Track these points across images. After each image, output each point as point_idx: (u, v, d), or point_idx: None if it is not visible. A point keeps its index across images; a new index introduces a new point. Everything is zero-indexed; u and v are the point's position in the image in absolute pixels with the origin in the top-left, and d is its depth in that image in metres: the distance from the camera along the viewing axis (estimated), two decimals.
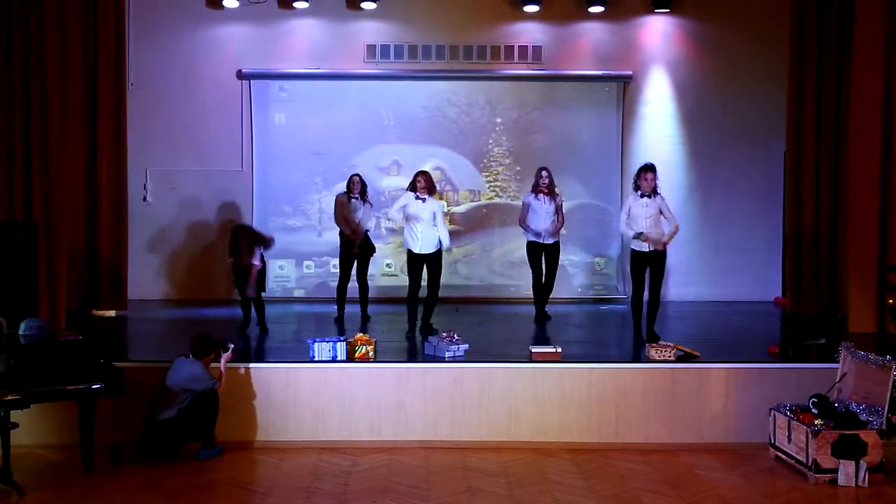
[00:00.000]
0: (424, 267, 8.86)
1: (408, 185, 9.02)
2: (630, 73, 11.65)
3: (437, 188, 9.26)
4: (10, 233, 8.29)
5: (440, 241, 8.87)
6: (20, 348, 6.57)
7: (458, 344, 7.52)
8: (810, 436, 6.42)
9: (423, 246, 8.78)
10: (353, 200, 9.76)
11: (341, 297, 9.77)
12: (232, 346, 7.49)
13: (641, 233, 8.40)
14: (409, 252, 8.85)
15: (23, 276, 8.13)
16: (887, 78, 9.22)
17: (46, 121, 9.69)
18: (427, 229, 8.78)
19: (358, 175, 9.93)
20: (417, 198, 8.80)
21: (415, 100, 11.68)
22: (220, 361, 7.05)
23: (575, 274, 11.70)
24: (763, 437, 7.05)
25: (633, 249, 8.59)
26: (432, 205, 8.85)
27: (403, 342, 8.53)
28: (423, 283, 8.92)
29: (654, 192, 8.48)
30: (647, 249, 8.44)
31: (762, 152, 11.49)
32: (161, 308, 10.86)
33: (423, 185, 8.82)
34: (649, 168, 8.56)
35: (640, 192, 8.48)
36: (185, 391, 6.83)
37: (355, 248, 9.65)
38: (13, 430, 6.29)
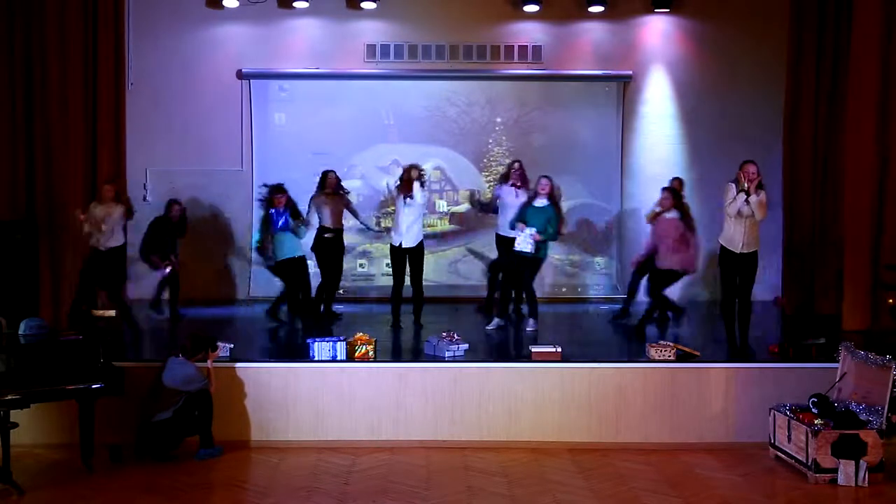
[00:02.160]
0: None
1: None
2: (630, 73, 11.64)
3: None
4: (11, 232, 8.30)
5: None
6: (20, 348, 6.58)
7: (458, 344, 7.53)
8: (810, 435, 6.43)
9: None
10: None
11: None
12: (230, 345, 7.51)
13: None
14: None
15: (23, 276, 8.14)
16: (884, 78, 9.23)
17: (48, 121, 9.71)
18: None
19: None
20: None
21: (415, 100, 11.68)
22: (207, 361, 7.05)
23: (575, 274, 11.70)
24: (763, 437, 7.05)
25: (723, 247, 8.06)
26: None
27: (403, 342, 8.53)
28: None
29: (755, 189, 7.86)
30: (739, 251, 7.99)
31: (761, 152, 11.38)
32: (160, 308, 10.84)
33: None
34: (751, 161, 7.99)
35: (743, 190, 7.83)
36: (179, 392, 6.83)
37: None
38: (13, 429, 6.30)
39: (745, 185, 7.85)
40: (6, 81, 9.64)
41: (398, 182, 9.26)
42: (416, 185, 9.06)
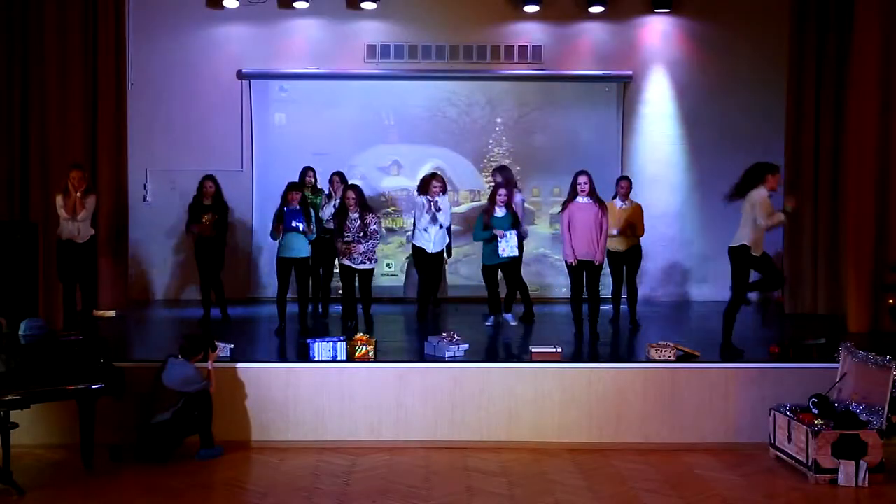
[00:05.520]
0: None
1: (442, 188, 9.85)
2: (630, 73, 11.65)
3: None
4: (10, 232, 8.29)
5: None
6: (20, 348, 6.57)
7: (458, 344, 7.53)
8: (810, 436, 6.43)
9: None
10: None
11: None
12: (231, 345, 7.50)
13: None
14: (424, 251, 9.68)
15: (23, 276, 8.13)
16: (886, 78, 9.23)
17: (46, 121, 9.71)
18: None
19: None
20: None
21: (415, 100, 11.68)
22: (207, 361, 7.05)
23: None
24: (763, 437, 7.05)
25: (745, 249, 8.03)
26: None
27: (403, 342, 8.53)
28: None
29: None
30: (759, 254, 8.08)
31: (762, 152, 11.37)
32: (161, 308, 10.86)
33: (438, 186, 9.64)
34: (778, 167, 8.19)
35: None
36: (178, 393, 6.83)
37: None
38: (13, 430, 6.30)
39: (789, 207, 8.12)
40: (5, 81, 9.64)
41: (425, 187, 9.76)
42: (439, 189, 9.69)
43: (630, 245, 9.54)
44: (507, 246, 9.12)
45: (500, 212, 9.25)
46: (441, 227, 9.59)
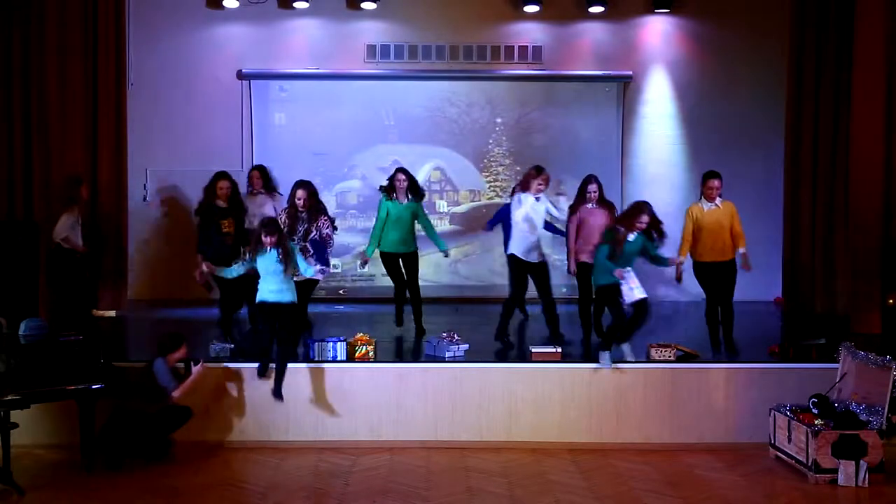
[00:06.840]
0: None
1: (521, 184, 8.37)
2: (630, 73, 11.64)
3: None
4: (11, 232, 8.31)
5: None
6: (20, 348, 6.58)
7: (458, 344, 7.53)
8: (810, 436, 6.43)
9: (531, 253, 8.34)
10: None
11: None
12: (231, 345, 7.50)
13: None
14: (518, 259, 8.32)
15: (23, 276, 8.15)
16: (888, 77, 9.23)
17: (46, 121, 9.73)
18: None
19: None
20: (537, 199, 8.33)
21: (415, 100, 11.67)
22: (191, 370, 7.05)
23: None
24: (763, 437, 7.06)
25: None
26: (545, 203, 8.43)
27: (403, 342, 8.52)
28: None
29: None
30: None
31: (762, 152, 11.48)
32: (161, 308, 10.84)
33: (542, 183, 8.29)
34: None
35: None
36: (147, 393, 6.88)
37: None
38: (13, 430, 6.30)
39: None
40: (4, 81, 9.64)
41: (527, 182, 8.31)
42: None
43: (731, 256, 8.17)
44: (635, 286, 7.47)
45: (631, 236, 7.58)
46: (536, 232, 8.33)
